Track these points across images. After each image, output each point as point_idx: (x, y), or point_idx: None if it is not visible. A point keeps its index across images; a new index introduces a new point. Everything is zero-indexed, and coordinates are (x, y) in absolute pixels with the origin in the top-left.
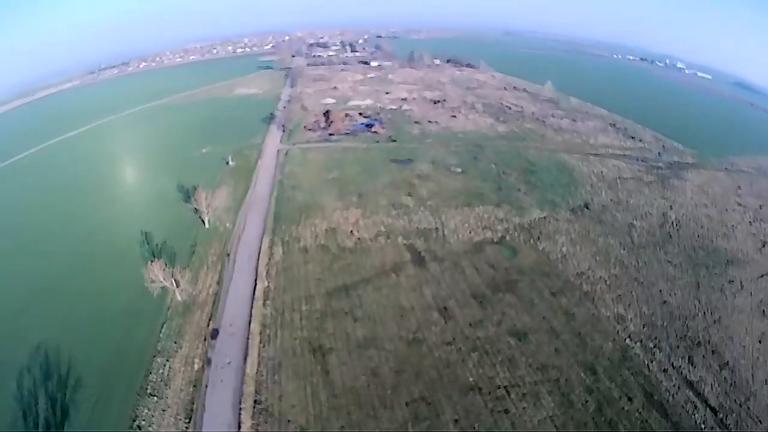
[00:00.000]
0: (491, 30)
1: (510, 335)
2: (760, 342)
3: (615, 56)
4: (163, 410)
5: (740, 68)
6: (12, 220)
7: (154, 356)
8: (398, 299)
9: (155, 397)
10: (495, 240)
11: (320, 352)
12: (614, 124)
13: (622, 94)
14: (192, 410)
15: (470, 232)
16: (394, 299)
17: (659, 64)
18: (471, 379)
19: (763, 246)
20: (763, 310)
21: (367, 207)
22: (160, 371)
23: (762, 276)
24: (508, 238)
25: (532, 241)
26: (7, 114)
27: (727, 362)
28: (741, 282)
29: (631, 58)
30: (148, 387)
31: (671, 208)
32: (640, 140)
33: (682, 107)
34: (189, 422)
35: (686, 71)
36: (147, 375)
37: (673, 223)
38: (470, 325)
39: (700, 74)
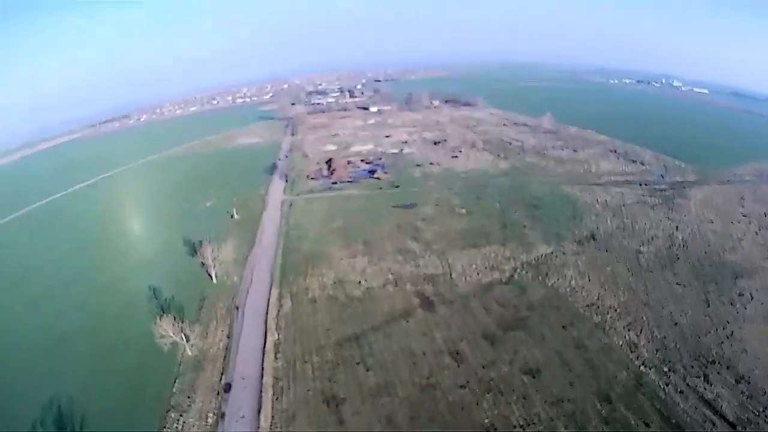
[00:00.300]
0: (487, 65)
1: (523, 373)
2: None
3: (612, 81)
4: None
5: (736, 78)
6: (21, 275)
7: (168, 411)
8: (409, 345)
9: None
10: (503, 280)
11: (334, 401)
12: (615, 150)
13: (621, 118)
14: None
15: (478, 274)
16: (405, 345)
17: (656, 84)
18: (486, 420)
19: None
20: None
21: (373, 254)
22: (175, 426)
23: None
24: (516, 276)
25: (540, 277)
26: (10, 165)
27: (743, 375)
28: (751, 293)
29: (627, 81)
30: None
31: (677, 228)
32: (642, 163)
33: (681, 124)
34: None
35: (683, 89)
36: (161, 429)
37: (679, 243)
38: (483, 366)
39: (696, 90)
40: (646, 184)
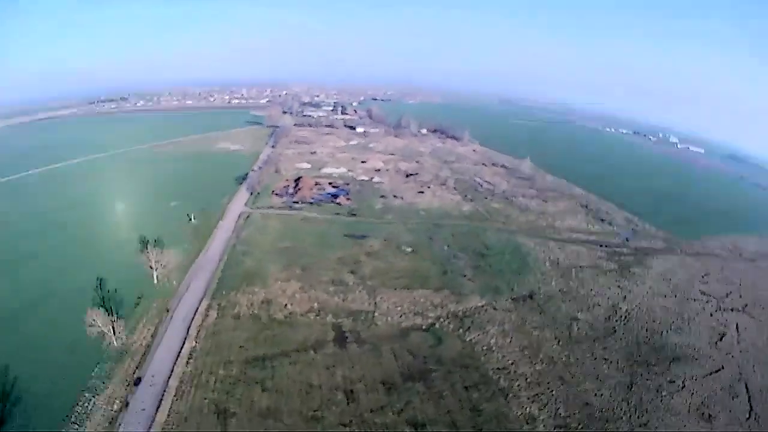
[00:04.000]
0: (487, 97)
1: (408, 425)
2: None
3: (608, 129)
4: None
5: (737, 136)
6: None
7: (83, 391)
8: (309, 376)
9: (76, 425)
10: (423, 327)
11: (224, 415)
12: (586, 205)
13: (604, 171)
14: None
15: (401, 317)
16: (305, 375)
17: (652, 138)
18: None
19: (721, 338)
20: (704, 413)
21: (307, 280)
22: (86, 405)
23: (711, 374)
24: (437, 325)
25: (461, 330)
26: (3, 131)
27: None
28: (684, 381)
29: (624, 131)
30: (73, 416)
31: (624, 299)
32: (610, 223)
33: (666, 185)
34: None
35: (679, 145)
36: (74, 405)
37: (622, 315)
38: (371, 410)
39: (692, 148)
40: (606, 246)
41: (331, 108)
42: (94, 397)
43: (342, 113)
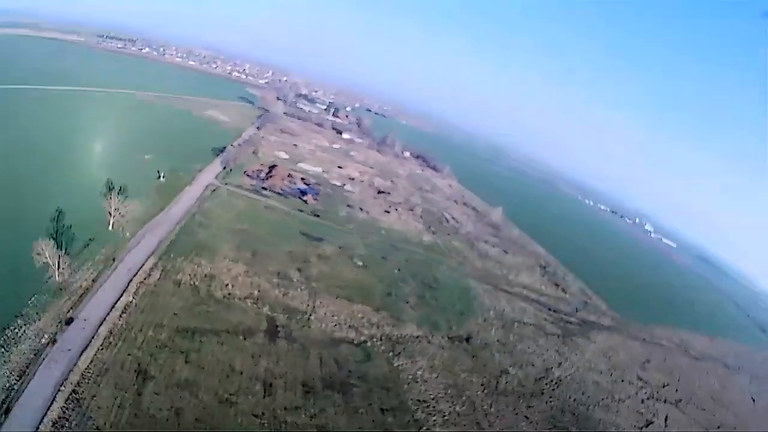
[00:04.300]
0: (474, 137)
1: (318, 430)
2: None
3: (586, 201)
4: (4, 363)
5: (708, 240)
6: None
7: (16, 317)
8: (233, 360)
9: (2, 349)
10: (355, 341)
11: (143, 375)
12: (545, 267)
13: (571, 240)
14: (25, 373)
15: (335, 326)
16: (230, 358)
17: (628, 220)
18: None
19: (647, 425)
20: None
21: (254, 267)
22: (16, 331)
23: None
24: (369, 343)
25: (391, 354)
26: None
27: None
28: None
29: (602, 207)
30: (2, 339)
31: (560, 365)
32: (564, 290)
33: (631, 269)
34: (19, 380)
35: (652, 234)
36: (4, 329)
37: (553, 380)
38: (285, 408)
39: (665, 240)
40: (555, 311)
41: (324, 107)
42: (25, 325)
43: (334, 115)
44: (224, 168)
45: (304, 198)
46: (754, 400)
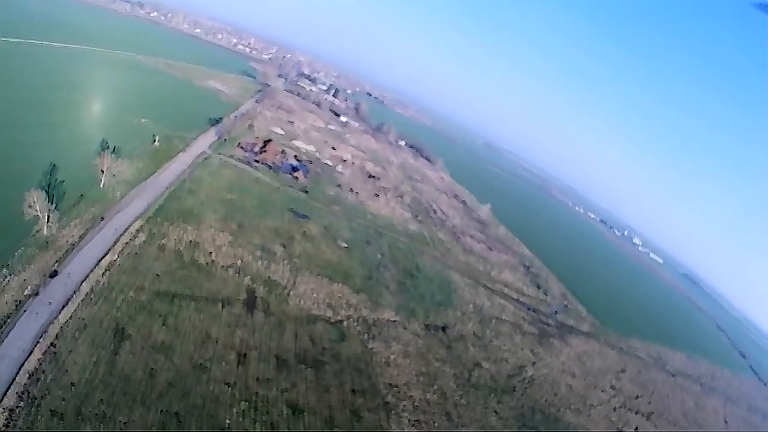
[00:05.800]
0: (473, 137)
1: (287, 405)
2: None
3: (577, 208)
4: None
5: (695, 260)
6: None
7: (1, 267)
8: (210, 327)
9: None
10: (332, 320)
11: (120, 335)
12: (528, 267)
13: (557, 244)
14: (5, 322)
15: (313, 303)
16: (206, 325)
17: (617, 232)
18: (228, 422)
19: None
20: None
21: (239, 238)
22: (0, 281)
23: None
24: (345, 324)
25: (366, 336)
26: None
27: None
28: None
29: (591, 215)
30: None
31: (533, 365)
32: (545, 292)
33: (614, 278)
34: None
35: (640, 248)
36: None
37: (526, 378)
38: (257, 379)
39: (653, 255)
40: (534, 311)
41: (325, 88)
42: (9, 276)
43: (333, 95)
44: (219, 138)
45: (295, 174)
46: (726, 422)
